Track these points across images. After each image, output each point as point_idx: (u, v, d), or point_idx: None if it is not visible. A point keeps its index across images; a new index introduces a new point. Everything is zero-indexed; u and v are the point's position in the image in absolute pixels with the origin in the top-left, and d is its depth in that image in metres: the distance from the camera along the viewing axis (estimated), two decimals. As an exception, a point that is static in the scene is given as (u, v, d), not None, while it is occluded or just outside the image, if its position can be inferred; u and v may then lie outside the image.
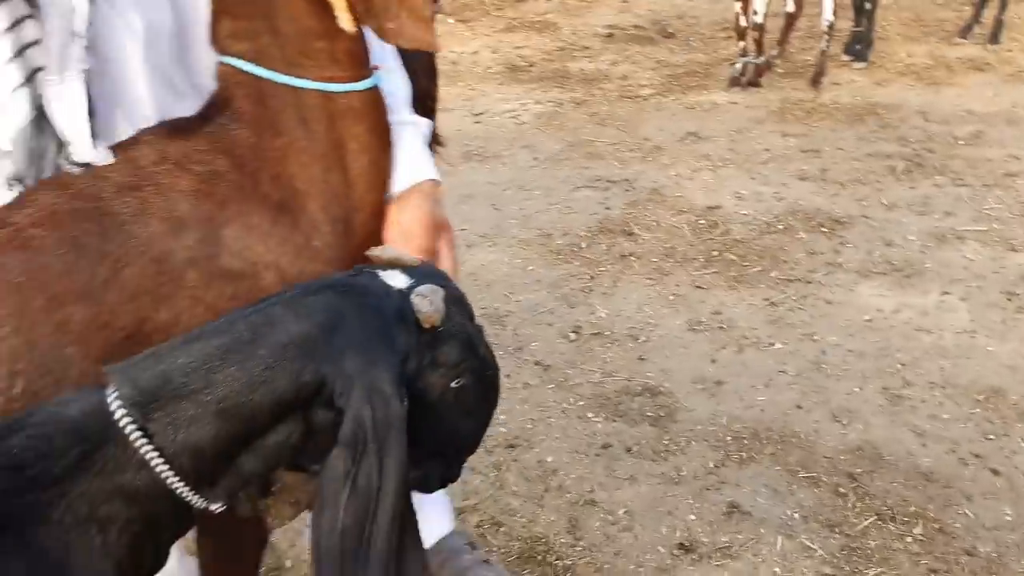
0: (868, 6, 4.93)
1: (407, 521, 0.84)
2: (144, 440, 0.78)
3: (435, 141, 2.24)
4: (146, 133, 1.13)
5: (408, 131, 1.34)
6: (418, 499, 0.93)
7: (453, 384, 0.88)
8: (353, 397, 0.79)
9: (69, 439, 0.79)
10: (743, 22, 4.63)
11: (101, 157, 1.07)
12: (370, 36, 1.21)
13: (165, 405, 0.79)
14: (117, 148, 1.10)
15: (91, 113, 1.08)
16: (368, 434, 0.79)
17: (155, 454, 0.78)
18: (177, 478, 0.79)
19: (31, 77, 1.06)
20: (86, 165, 1.07)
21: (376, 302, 0.86)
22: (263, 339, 0.82)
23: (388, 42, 1.18)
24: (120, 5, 1.14)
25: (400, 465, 0.80)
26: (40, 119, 1.06)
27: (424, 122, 1.41)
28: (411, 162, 1.32)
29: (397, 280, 0.88)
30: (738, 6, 4.61)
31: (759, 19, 4.57)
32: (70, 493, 0.78)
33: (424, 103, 2.13)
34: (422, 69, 2.14)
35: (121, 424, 0.78)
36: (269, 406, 0.81)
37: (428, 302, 0.85)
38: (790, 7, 4.83)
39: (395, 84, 1.36)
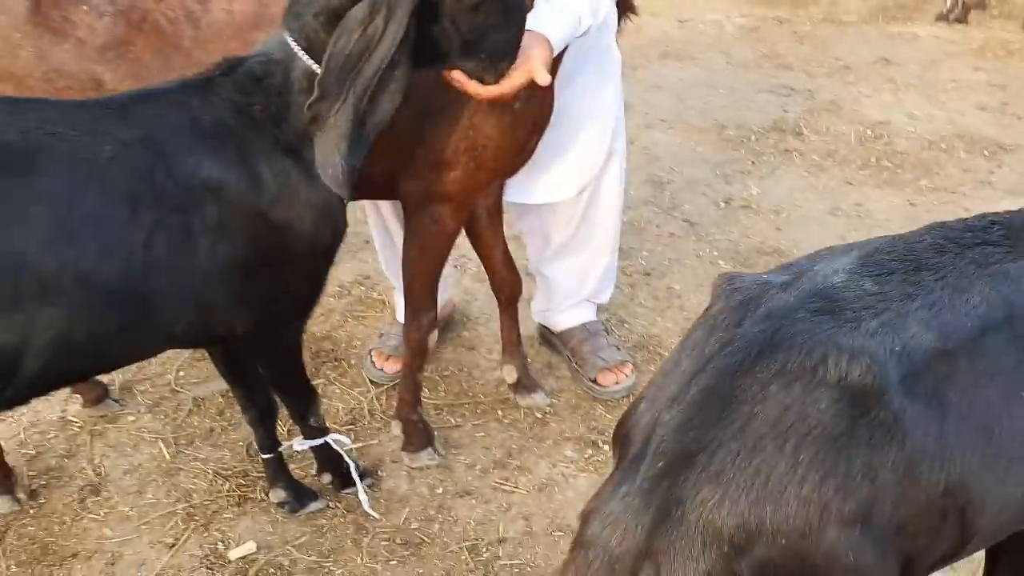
0: None
1: (391, 75, 1.35)
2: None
3: (629, 8, 2.69)
4: None
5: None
6: (574, 296, 1.48)
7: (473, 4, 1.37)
8: None
9: (273, 65, 1.37)
10: (957, -45, 4.70)
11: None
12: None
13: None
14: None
15: None
16: (383, 3, 1.29)
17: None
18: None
19: None
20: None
21: None
22: None
23: None
24: None
25: (398, 29, 1.30)
26: None
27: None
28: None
29: None
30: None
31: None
32: (292, 102, 1.36)
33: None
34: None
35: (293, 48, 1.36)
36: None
37: None
38: None
39: None
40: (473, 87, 1.54)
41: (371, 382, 2.31)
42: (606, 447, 2.13)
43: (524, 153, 1.92)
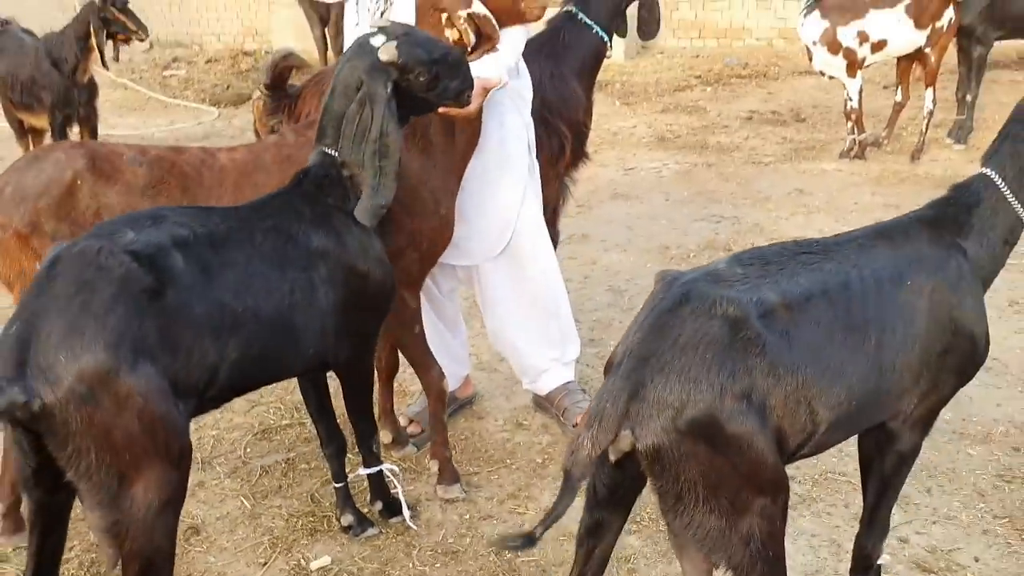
0: (969, 99, 5.86)
1: (388, 138, 2.02)
2: None
3: (585, 156, 3.48)
4: None
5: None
6: (555, 369, 2.32)
7: (424, 77, 2.07)
8: (363, 89, 2.00)
9: (326, 168, 2.10)
10: (847, 106, 5.68)
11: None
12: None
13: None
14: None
15: None
16: (367, 99, 1.99)
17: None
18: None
19: None
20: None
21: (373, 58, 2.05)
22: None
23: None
24: None
25: (381, 112, 1.99)
26: None
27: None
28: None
29: (377, 40, 2.06)
30: (845, 93, 5.66)
31: (855, 104, 5.60)
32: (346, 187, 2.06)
33: (580, 130, 3.38)
34: (584, 109, 3.38)
35: (331, 153, 2.10)
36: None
37: (383, 51, 2.03)
38: (899, 97, 5.85)
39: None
40: (454, 113, 2.35)
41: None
42: (594, 478, 2.73)
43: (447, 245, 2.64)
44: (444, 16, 2.36)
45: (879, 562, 2.00)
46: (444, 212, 2.57)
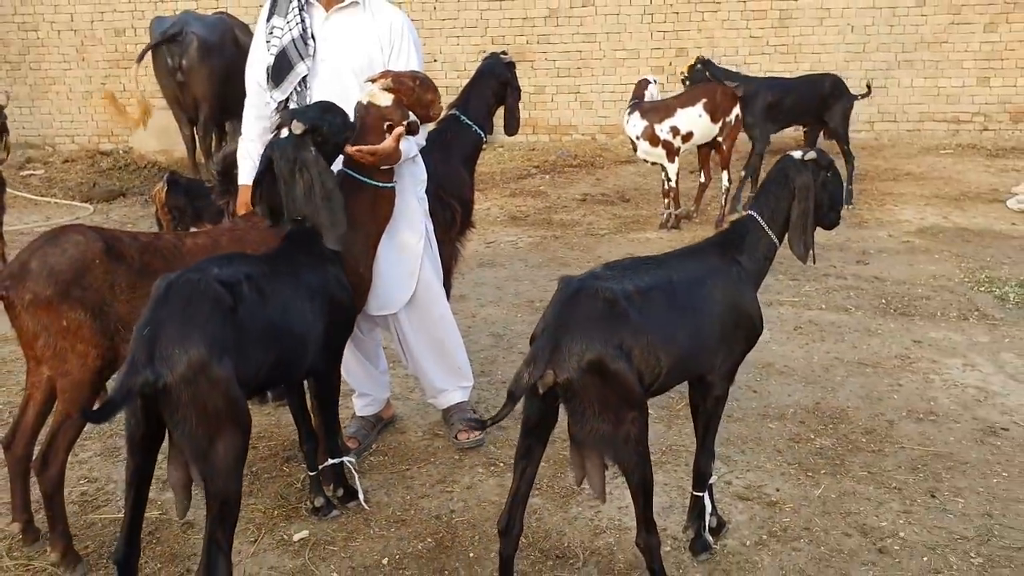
0: (753, 177, 7.25)
1: (328, 183, 2.83)
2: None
3: (471, 224, 4.39)
4: None
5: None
6: (453, 392, 3.41)
7: (326, 128, 2.88)
8: (297, 159, 2.83)
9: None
10: (666, 186, 6.92)
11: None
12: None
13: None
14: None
15: None
16: (302, 165, 2.82)
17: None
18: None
19: None
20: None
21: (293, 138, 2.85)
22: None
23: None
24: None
25: (315, 169, 2.81)
26: None
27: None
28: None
29: (284, 130, 2.87)
30: (663, 175, 6.91)
31: (673, 183, 6.85)
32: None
33: (467, 204, 4.29)
34: (468, 188, 4.30)
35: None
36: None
37: (295, 127, 2.84)
38: (702, 179, 7.15)
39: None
40: (369, 150, 3.06)
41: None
42: (502, 464, 3.55)
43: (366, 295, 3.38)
44: (387, 124, 3.19)
45: (710, 481, 2.92)
46: (363, 271, 3.34)
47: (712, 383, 2.73)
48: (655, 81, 6.93)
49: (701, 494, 2.89)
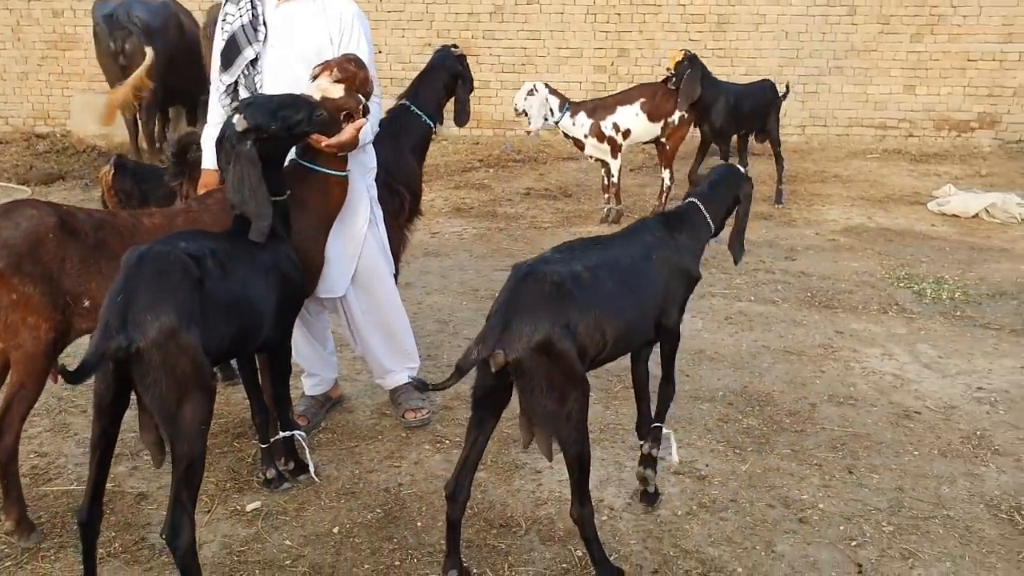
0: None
1: (251, 179, 2.85)
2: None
3: (419, 212, 4.53)
4: None
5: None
6: (399, 372, 3.51)
7: (275, 125, 2.89)
8: (235, 151, 2.89)
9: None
10: (606, 182, 7.14)
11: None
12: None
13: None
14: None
15: None
16: (236, 156, 2.86)
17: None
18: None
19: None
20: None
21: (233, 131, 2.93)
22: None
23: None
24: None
25: (247, 161, 2.84)
26: None
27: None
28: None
29: (235, 118, 2.92)
30: (603, 171, 7.12)
31: (615, 179, 7.07)
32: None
33: (415, 192, 4.42)
34: (417, 176, 4.43)
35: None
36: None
37: (237, 124, 2.90)
38: (666, 180, 7.35)
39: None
40: (332, 142, 3.13)
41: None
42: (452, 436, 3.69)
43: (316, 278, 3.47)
44: (343, 114, 3.27)
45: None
46: (315, 255, 3.44)
47: (669, 330, 2.94)
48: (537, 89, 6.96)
49: (662, 424, 3.13)
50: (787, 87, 7.89)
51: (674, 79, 6.89)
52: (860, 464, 3.52)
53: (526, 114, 6.86)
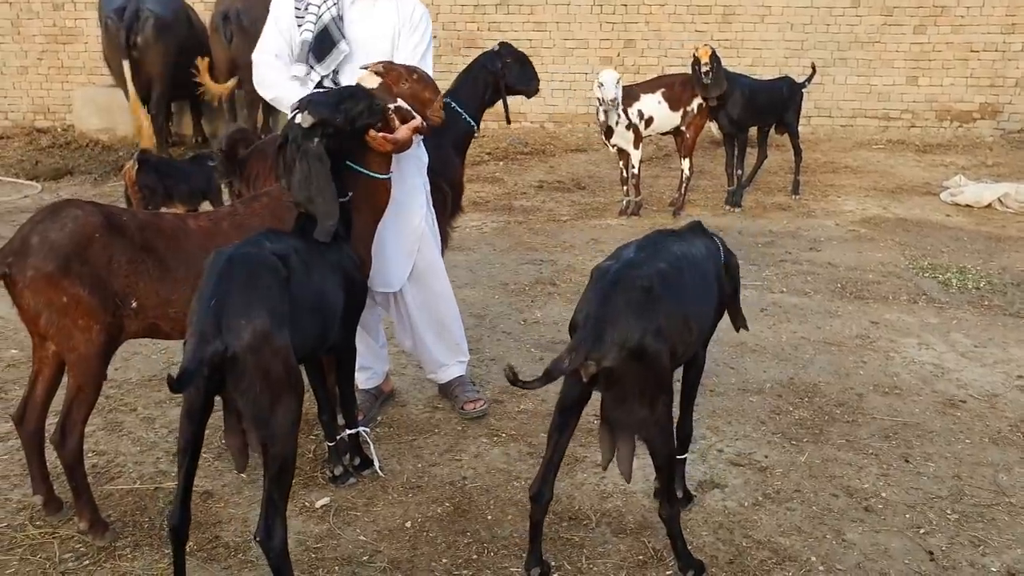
0: (739, 173, 7.46)
1: (318, 177, 2.84)
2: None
3: (460, 208, 4.53)
4: None
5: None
6: (452, 366, 3.64)
7: (340, 119, 2.89)
8: (300, 149, 2.88)
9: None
10: (625, 175, 7.15)
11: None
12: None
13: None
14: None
15: None
16: (304, 154, 2.85)
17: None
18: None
19: None
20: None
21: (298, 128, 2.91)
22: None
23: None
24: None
25: (315, 158, 2.84)
26: None
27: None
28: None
29: (305, 119, 2.91)
30: (621, 163, 7.14)
31: (636, 170, 7.09)
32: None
33: (457, 189, 4.42)
34: (459, 173, 4.44)
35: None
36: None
37: (303, 120, 2.90)
38: (686, 171, 7.33)
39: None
40: (388, 138, 3.09)
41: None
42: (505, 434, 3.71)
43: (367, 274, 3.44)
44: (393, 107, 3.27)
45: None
46: (362, 253, 3.43)
47: (700, 353, 2.98)
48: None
49: (685, 455, 3.15)
50: (812, 67, 7.90)
51: (710, 72, 6.83)
52: (915, 453, 3.57)
53: (613, 102, 6.72)
